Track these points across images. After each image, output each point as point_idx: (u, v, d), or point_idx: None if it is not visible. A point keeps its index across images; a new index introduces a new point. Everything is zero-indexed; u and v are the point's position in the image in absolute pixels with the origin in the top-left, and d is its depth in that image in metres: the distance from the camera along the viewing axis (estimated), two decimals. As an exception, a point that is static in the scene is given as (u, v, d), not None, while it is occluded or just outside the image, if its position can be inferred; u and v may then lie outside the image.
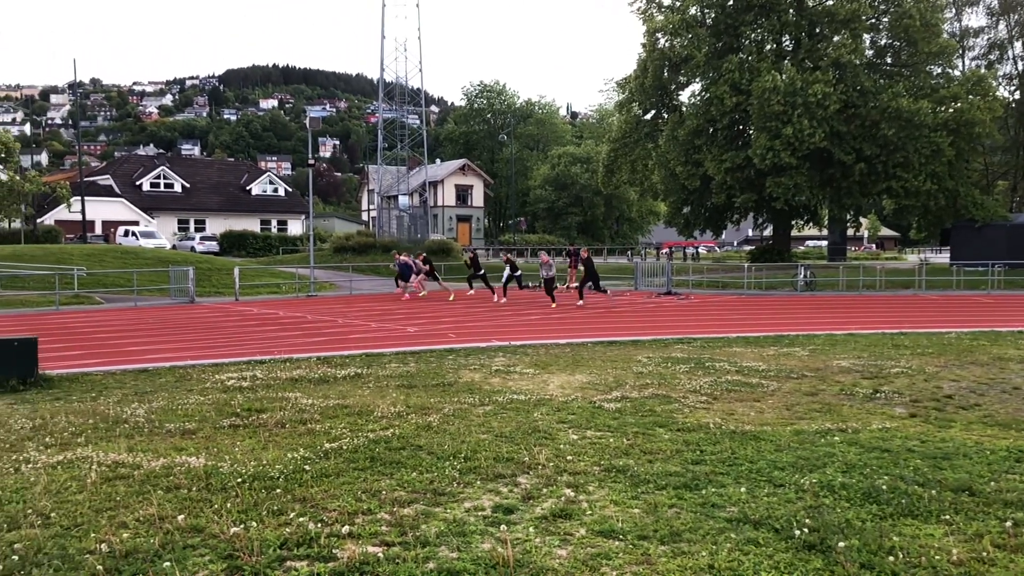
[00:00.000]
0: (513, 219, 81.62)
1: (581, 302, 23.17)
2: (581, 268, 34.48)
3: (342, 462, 6.36)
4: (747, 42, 40.90)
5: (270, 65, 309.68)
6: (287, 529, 4.82)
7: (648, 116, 44.98)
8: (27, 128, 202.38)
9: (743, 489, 5.58)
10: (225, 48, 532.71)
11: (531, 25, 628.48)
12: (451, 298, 27.02)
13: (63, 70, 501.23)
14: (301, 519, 4.99)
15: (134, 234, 52.82)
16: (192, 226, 65.14)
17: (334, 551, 4.49)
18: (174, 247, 54.29)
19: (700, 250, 65.52)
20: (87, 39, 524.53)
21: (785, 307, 23.94)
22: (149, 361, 12.96)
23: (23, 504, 5.40)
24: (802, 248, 71.98)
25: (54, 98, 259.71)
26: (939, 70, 40.28)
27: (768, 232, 51.16)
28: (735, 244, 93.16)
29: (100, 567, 4.23)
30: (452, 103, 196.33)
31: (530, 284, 30.45)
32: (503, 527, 4.84)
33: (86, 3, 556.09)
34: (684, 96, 44.61)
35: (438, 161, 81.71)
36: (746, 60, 38.78)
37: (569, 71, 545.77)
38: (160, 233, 56.54)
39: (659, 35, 41.70)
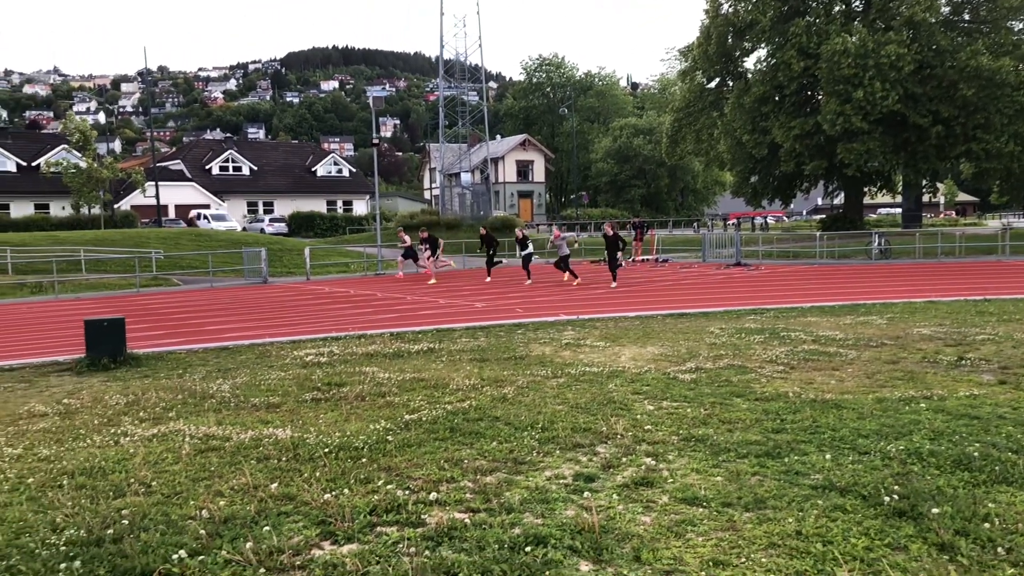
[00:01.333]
0: (575, 193, 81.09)
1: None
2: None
3: (423, 433, 6.49)
4: (814, 4, 39.69)
5: (330, 47, 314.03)
6: (375, 496, 4.95)
7: (712, 84, 44.08)
8: (101, 116, 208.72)
9: (827, 457, 5.50)
10: (286, 31, 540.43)
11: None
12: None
13: (133, 59, 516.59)
14: (388, 487, 5.12)
15: (205, 217, 54.39)
16: (261, 208, 66.62)
17: (422, 517, 4.60)
18: (244, 229, 55.71)
19: (768, 220, 64.18)
20: (153, 28, 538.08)
21: (860, 276, 23.34)
22: (229, 339, 13.36)
23: (125, 474, 5.67)
24: (874, 216, 69.84)
25: (125, 86, 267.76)
26: (1021, 25, 38.42)
27: (839, 200, 49.78)
28: (804, 213, 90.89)
29: (203, 531, 4.42)
30: (510, 78, 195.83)
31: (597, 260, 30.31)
32: (586, 494, 4.88)
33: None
34: (749, 62, 43.57)
35: (498, 137, 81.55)
36: (813, 23, 37.62)
37: (628, 42, 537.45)
38: (231, 216, 58.04)
39: (722, 1, 40.76)
